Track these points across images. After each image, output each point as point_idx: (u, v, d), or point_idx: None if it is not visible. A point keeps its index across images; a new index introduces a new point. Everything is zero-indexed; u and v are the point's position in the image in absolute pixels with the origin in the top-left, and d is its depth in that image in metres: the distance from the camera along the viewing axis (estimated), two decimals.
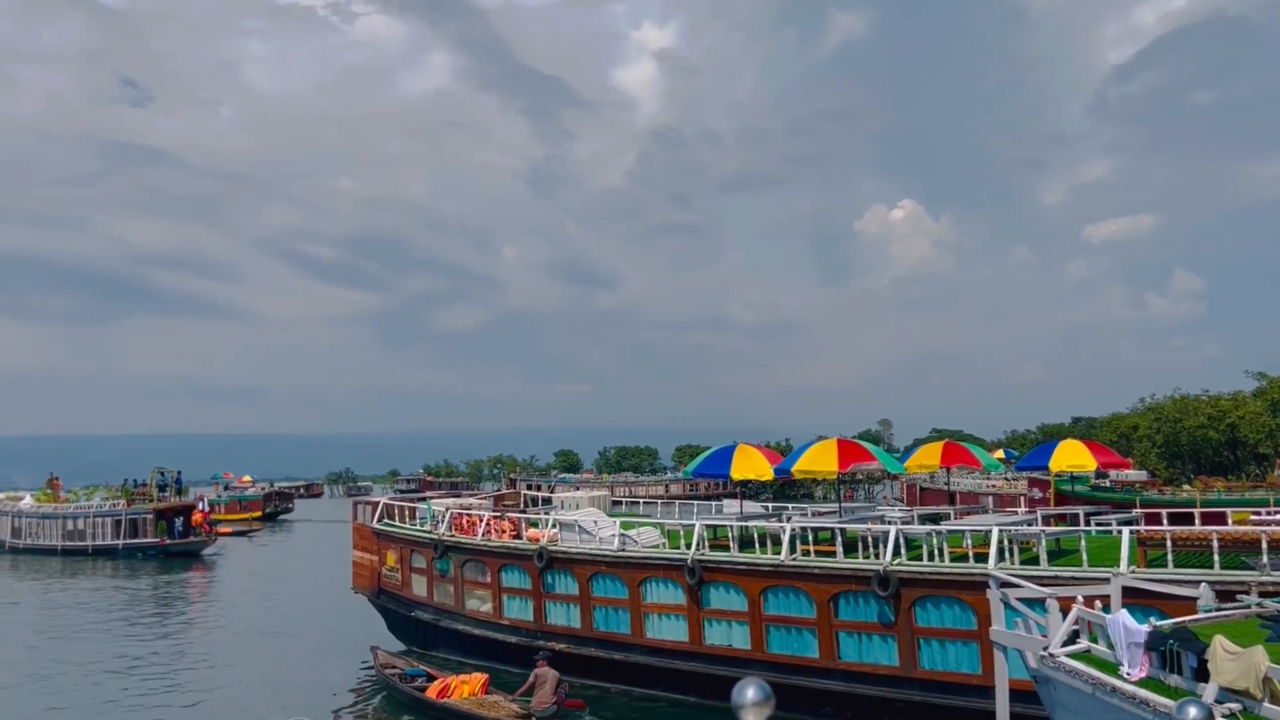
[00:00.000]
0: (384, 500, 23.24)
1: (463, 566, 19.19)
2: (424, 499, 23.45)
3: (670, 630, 15.87)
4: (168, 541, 44.69)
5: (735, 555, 15.41)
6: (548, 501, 24.80)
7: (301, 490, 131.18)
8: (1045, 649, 8.86)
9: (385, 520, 22.01)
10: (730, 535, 15.99)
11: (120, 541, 45.22)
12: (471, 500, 23.40)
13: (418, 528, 20.98)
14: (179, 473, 49.15)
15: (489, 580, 18.59)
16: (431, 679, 16.22)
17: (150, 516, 45.47)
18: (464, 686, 15.38)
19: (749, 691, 3.70)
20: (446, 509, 20.48)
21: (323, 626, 20.53)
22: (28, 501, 51.99)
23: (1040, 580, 10.95)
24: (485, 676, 15.82)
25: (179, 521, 45.36)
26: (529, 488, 50.49)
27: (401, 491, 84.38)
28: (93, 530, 46.38)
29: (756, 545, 15.55)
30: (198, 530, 45.14)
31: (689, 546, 15.84)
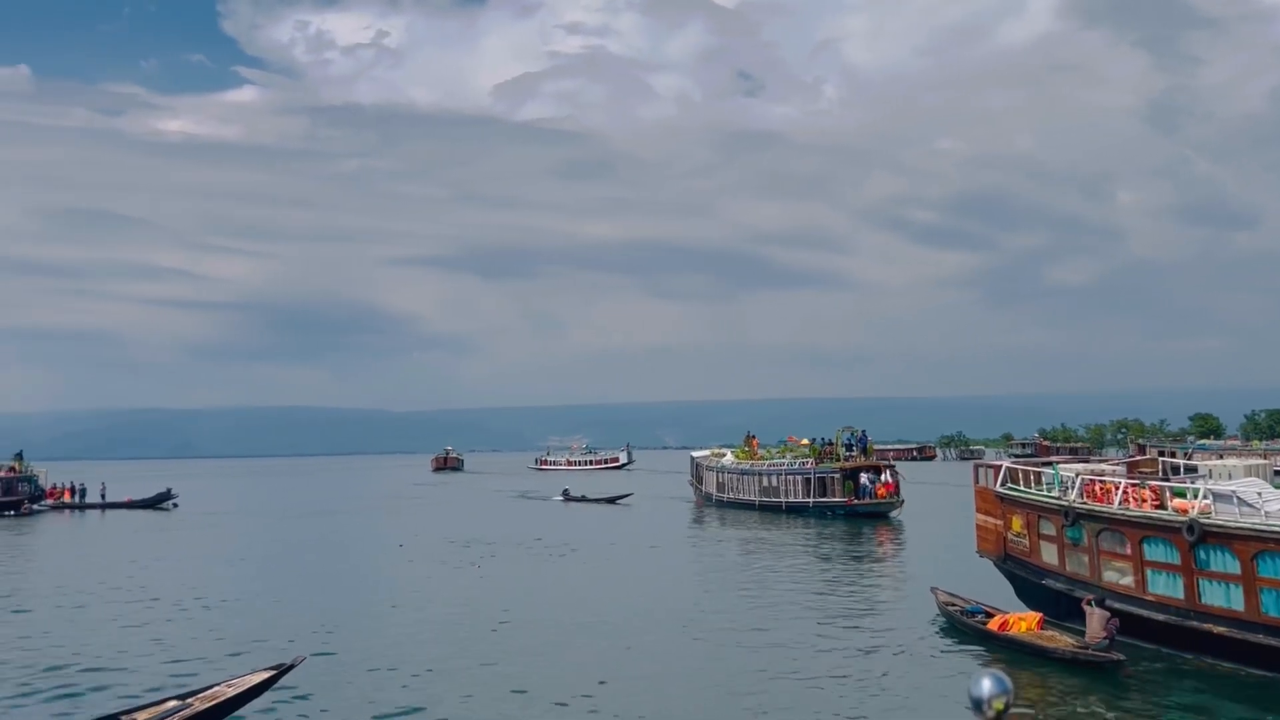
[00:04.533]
0: (1006, 464, 22.75)
1: (1097, 536, 18.09)
2: (1047, 463, 22.49)
3: None
4: (855, 501, 44.64)
5: None
6: (1190, 470, 22.39)
7: (914, 453, 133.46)
8: None
9: (1008, 484, 21.53)
10: None
11: (810, 499, 46.01)
12: (1103, 466, 21.93)
13: (1044, 493, 20.22)
14: (864, 432, 48.97)
15: (1129, 552, 17.30)
16: (989, 615, 18.07)
17: (837, 475, 45.75)
18: (1021, 623, 17.15)
19: None
20: (1076, 474, 19.46)
21: (952, 587, 20.84)
22: (729, 458, 55.08)
23: None
24: (1040, 615, 17.40)
25: (866, 481, 45.08)
26: (1161, 454, 46.00)
27: (1016, 456, 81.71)
28: (785, 487, 48.06)
29: None
30: (891, 495, 44.58)
31: None
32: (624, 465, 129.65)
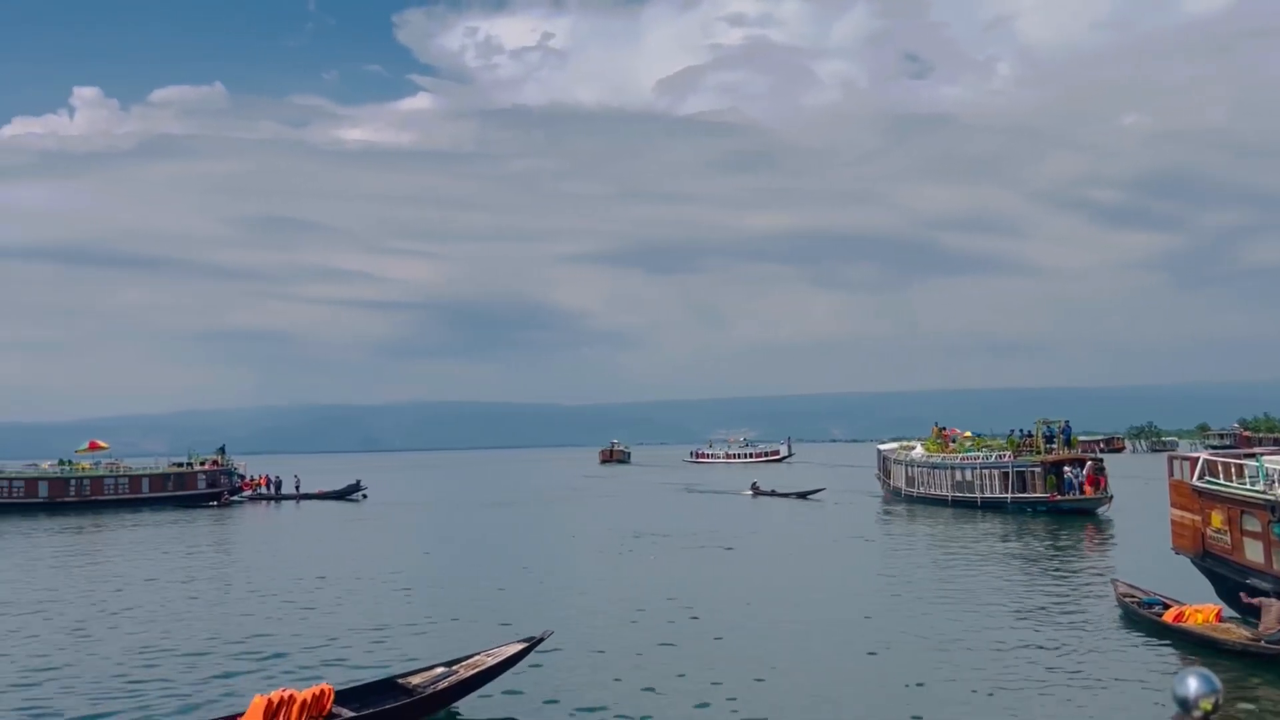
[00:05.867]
0: (1203, 456, 21.39)
1: None
2: (1249, 455, 21.01)
3: None
4: (1058, 497, 41.35)
5: None
6: None
7: (1102, 445, 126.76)
8: None
9: (1206, 478, 20.26)
10: None
11: (1008, 495, 42.99)
12: None
13: (1248, 487, 18.91)
14: (1066, 423, 45.57)
15: None
16: (1166, 607, 17.86)
17: (1038, 470, 42.40)
18: (1197, 615, 16.89)
19: None
20: None
21: (1153, 587, 19.90)
22: (918, 451, 52.77)
23: None
24: (1219, 608, 17.16)
25: (1070, 475, 41.69)
26: None
27: (1214, 448, 76.50)
28: (980, 482, 44.84)
29: None
30: (1100, 490, 41.06)
31: None
32: (784, 458, 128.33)
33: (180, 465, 65.38)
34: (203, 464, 65.28)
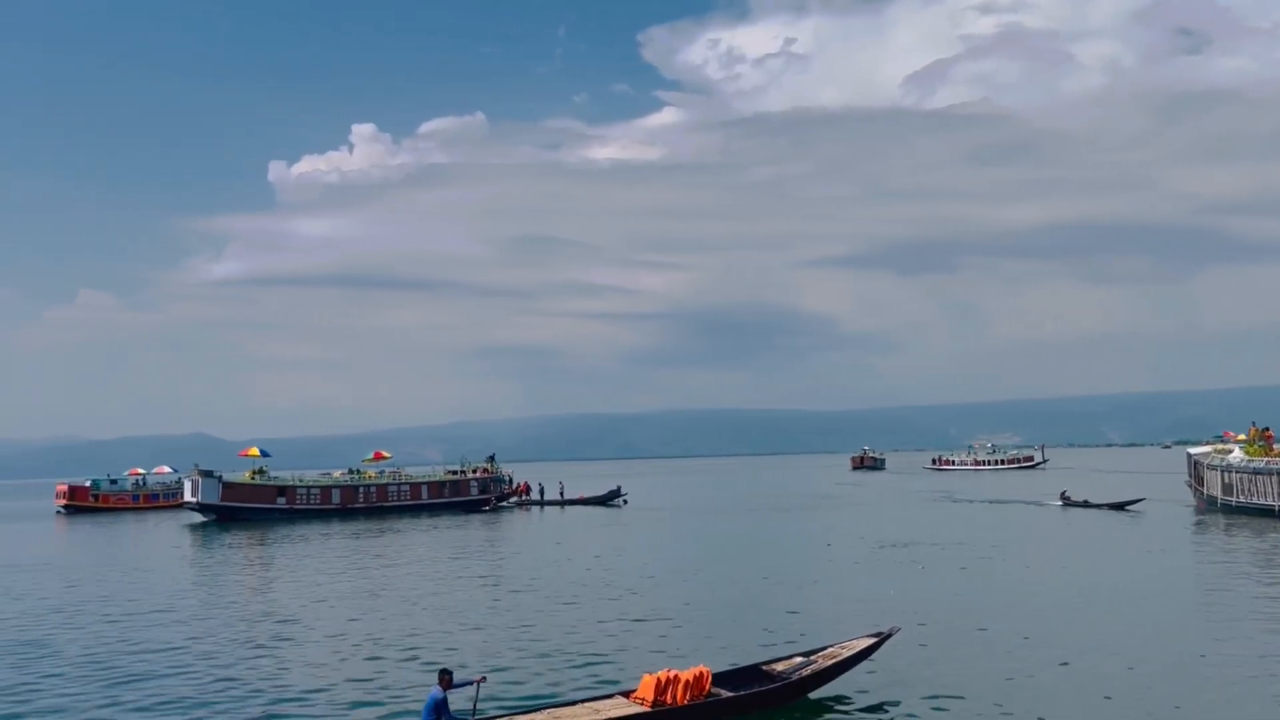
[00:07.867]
0: None
1: None
2: None
3: None
4: None
5: None
6: None
7: None
8: None
9: None
10: None
11: None
12: None
13: None
14: None
15: None
16: None
17: None
18: None
19: None
20: None
21: None
22: (1236, 454, 48.31)
23: None
24: None
25: None
26: None
27: None
28: None
29: None
30: None
31: None
32: (1037, 465, 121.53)
33: (455, 473, 69.92)
34: (475, 471, 69.51)
